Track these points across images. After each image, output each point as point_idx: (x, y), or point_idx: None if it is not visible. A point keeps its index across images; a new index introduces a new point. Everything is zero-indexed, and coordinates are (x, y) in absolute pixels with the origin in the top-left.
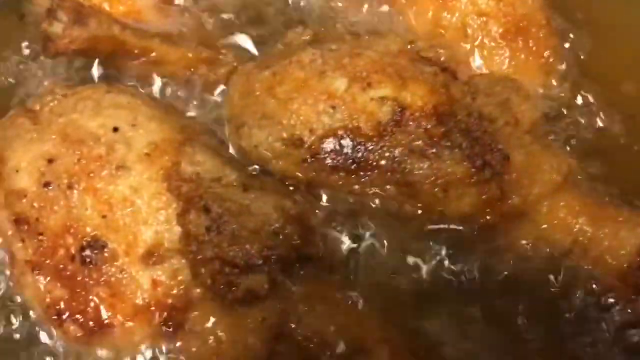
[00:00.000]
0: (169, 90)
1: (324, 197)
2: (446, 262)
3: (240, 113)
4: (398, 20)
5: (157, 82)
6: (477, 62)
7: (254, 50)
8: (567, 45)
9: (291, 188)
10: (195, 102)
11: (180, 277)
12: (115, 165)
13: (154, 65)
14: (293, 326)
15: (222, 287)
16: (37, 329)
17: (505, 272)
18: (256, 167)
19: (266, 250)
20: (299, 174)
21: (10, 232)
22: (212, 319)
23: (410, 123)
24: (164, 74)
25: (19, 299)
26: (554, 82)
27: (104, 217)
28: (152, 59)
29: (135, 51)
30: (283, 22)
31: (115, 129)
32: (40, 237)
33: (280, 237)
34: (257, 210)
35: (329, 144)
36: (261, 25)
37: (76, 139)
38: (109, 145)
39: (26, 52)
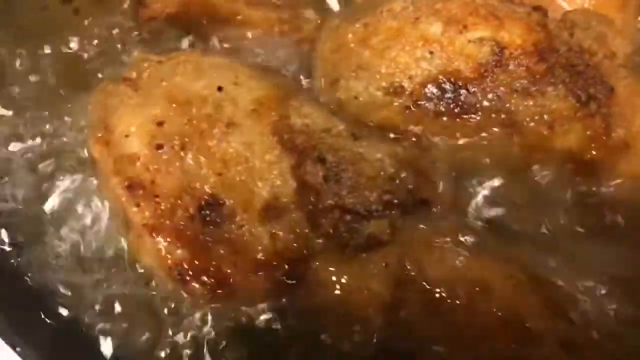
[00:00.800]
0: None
1: (431, 144)
2: None
3: (333, 67)
4: None
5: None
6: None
7: (334, 6)
8: None
9: (393, 136)
10: (281, 62)
11: (298, 230)
12: (225, 123)
13: (239, 28)
14: (413, 273)
15: (344, 235)
16: None
17: None
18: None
19: (385, 195)
20: (402, 122)
21: (124, 198)
22: (334, 268)
23: (511, 62)
24: (249, 36)
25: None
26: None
27: (219, 175)
28: (238, 21)
29: (223, 14)
30: None
31: (220, 89)
32: (157, 200)
33: (397, 181)
34: (370, 157)
35: (431, 90)
36: None
37: (183, 101)
38: (216, 104)
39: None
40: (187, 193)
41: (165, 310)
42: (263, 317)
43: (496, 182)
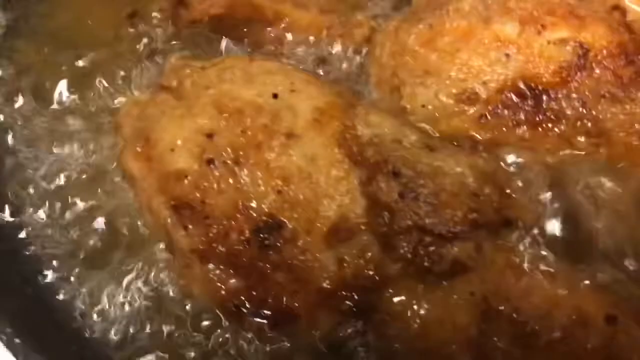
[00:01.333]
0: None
1: (509, 157)
2: None
3: (393, 73)
4: None
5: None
6: None
7: (387, 10)
8: None
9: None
10: (332, 68)
11: (370, 254)
12: (284, 134)
13: (286, 32)
14: (501, 305)
15: (424, 260)
16: None
17: None
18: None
19: (471, 214)
20: (476, 133)
21: (169, 220)
22: (412, 298)
23: (596, 65)
24: (297, 40)
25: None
26: None
27: (279, 192)
28: (284, 25)
29: (269, 17)
30: None
31: (275, 96)
32: (207, 222)
33: (481, 198)
34: (450, 170)
35: (508, 96)
36: None
37: (234, 110)
38: (273, 113)
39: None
40: (242, 214)
41: None
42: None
43: (582, 197)
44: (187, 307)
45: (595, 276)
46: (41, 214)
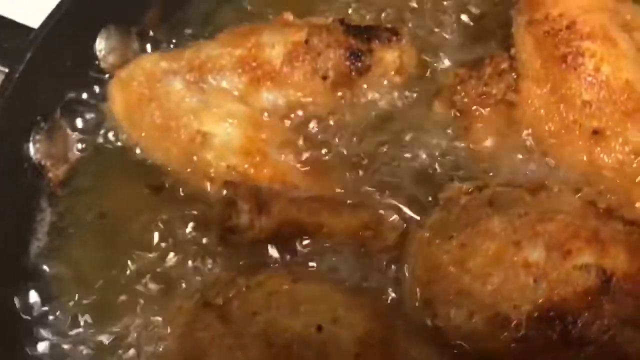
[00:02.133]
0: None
1: None
2: None
3: (426, 287)
4: (548, 164)
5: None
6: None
7: (407, 210)
8: None
9: None
10: (365, 276)
11: None
12: None
13: (322, 239)
14: None
15: None
16: None
17: None
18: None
19: None
20: (507, 355)
21: None
22: None
23: (618, 291)
24: (333, 247)
25: None
26: None
27: None
28: (324, 233)
29: (310, 230)
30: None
31: (320, 328)
32: None
33: None
34: None
35: (538, 322)
36: None
37: (283, 344)
38: (317, 350)
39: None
40: None
41: None
42: None
43: None
44: None
45: None
46: None
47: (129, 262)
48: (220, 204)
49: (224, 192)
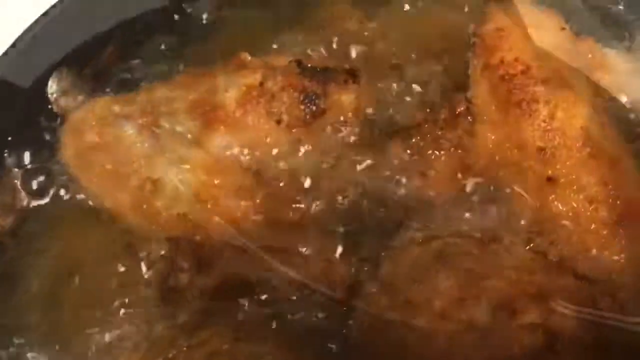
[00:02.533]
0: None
1: None
2: None
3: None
4: (500, 213)
5: None
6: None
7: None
8: None
9: None
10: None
11: None
12: None
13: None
14: None
15: None
16: None
17: None
18: None
19: None
20: None
21: None
22: None
23: (564, 351)
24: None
25: None
26: None
27: None
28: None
29: (256, 284)
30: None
31: None
32: None
33: None
34: None
35: None
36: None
37: None
38: None
39: None
40: None
41: None
42: None
43: None
44: None
45: None
46: None
47: None
48: (161, 262)
49: (163, 251)
